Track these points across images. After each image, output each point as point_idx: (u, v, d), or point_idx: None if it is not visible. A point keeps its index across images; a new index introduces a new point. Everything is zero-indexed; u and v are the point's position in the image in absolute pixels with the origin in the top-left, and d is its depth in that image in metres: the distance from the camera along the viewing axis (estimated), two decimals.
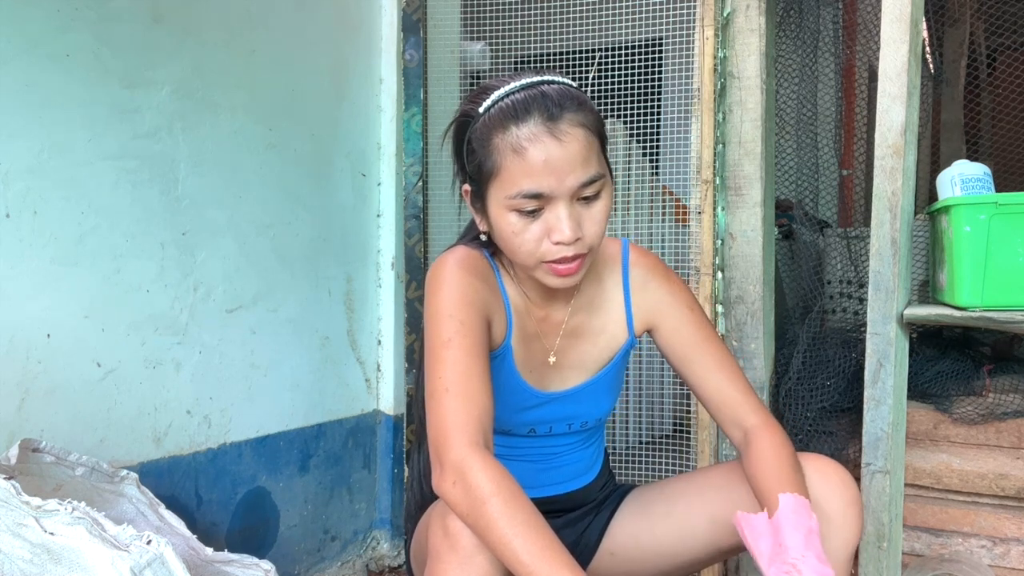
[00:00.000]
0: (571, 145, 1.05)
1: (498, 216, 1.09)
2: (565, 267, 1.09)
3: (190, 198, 1.69)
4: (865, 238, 2.11)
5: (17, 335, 1.38)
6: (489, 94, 1.10)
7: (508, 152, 1.06)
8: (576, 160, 1.06)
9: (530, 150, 1.04)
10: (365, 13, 2.18)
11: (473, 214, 1.18)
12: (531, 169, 1.04)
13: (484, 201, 1.12)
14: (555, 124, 1.05)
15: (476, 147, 1.10)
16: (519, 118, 1.06)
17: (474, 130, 1.10)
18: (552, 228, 1.07)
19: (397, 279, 2.22)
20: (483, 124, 1.09)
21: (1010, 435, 1.75)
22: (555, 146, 1.05)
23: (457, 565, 0.98)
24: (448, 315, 1.08)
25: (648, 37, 1.98)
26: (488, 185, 1.09)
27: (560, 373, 1.25)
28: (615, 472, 1.63)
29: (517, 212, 1.07)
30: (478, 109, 1.10)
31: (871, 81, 2.69)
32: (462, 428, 0.99)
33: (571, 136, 1.06)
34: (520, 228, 1.08)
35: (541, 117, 1.05)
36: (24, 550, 1.03)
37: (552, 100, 1.06)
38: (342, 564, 2.13)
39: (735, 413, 1.22)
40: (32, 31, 1.40)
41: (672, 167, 2.35)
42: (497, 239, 1.13)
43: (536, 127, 1.05)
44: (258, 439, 1.86)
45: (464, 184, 1.17)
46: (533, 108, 1.06)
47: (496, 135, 1.07)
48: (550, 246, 1.08)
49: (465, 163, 1.14)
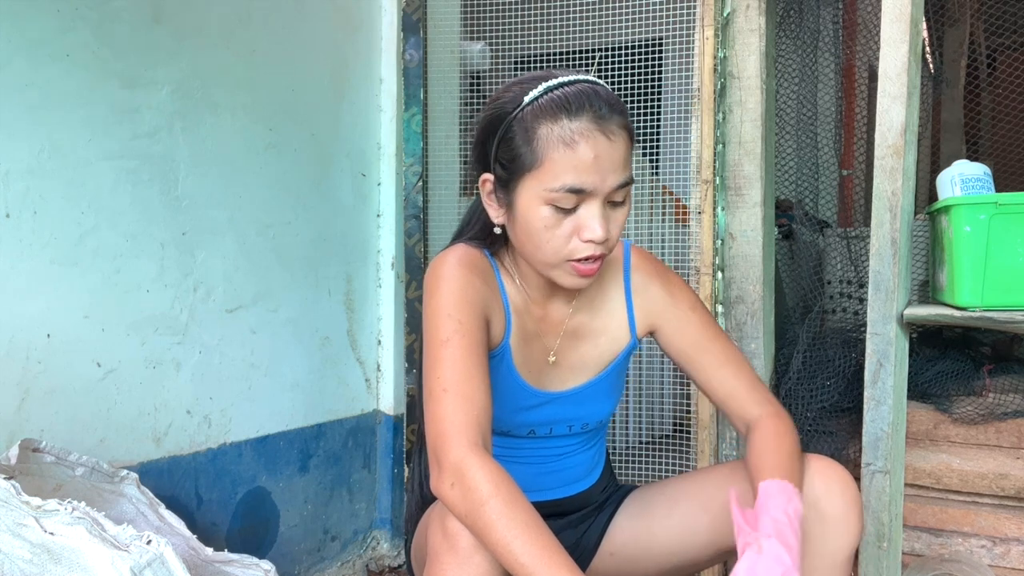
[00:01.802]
0: (618, 145, 1.06)
1: (529, 209, 1.08)
2: (588, 267, 1.09)
3: (190, 198, 1.69)
4: (865, 238, 2.11)
5: (17, 335, 1.38)
6: (534, 84, 1.08)
7: (557, 144, 1.04)
8: (619, 161, 1.06)
9: (582, 145, 1.04)
10: (365, 13, 2.19)
11: (490, 206, 1.15)
12: (580, 164, 1.04)
13: (513, 193, 1.09)
14: (606, 123, 1.05)
15: (516, 135, 1.07)
16: (571, 112, 1.04)
17: (516, 119, 1.07)
18: (584, 226, 1.06)
19: (397, 279, 2.22)
20: (529, 113, 1.06)
21: (1010, 435, 1.75)
22: (605, 144, 1.04)
23: (456, 566, 0.98)
24: (447, 314, 1.07)
25: (648, 37, 1.98)
26: (523, 176, 1.07)
27: (560, 374, 1.25)
28: (616, 472, 1.63)
29: (553, 207, 1.06)
30: (523, 98, 1.08)
31: (871, 81, 2.69)
32: (461, 429, 0.99)
33: (618, 137, 1.06)
34: (552, 223, 1.07)
35: (594, 114, 1.05)
36: (24, 550, 1.03)
37: (603, 99, 1.06)
38: (342, 564, 2.13)
39: (741, 407, 1.22)
40: (32, 31, 1.40)
41: (672, 167, 2.35)
42: (519, 233, 1.11)
43: (589, 123, 1.04)
44: (258, 439, 1.86)
45: (485, 174, 1.13)
46: (587, 104, 1.05)
47: (543, 125, 1.05)
48: (579, 244, 1.07)
49: (495, 151, 1.10)
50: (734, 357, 1.24)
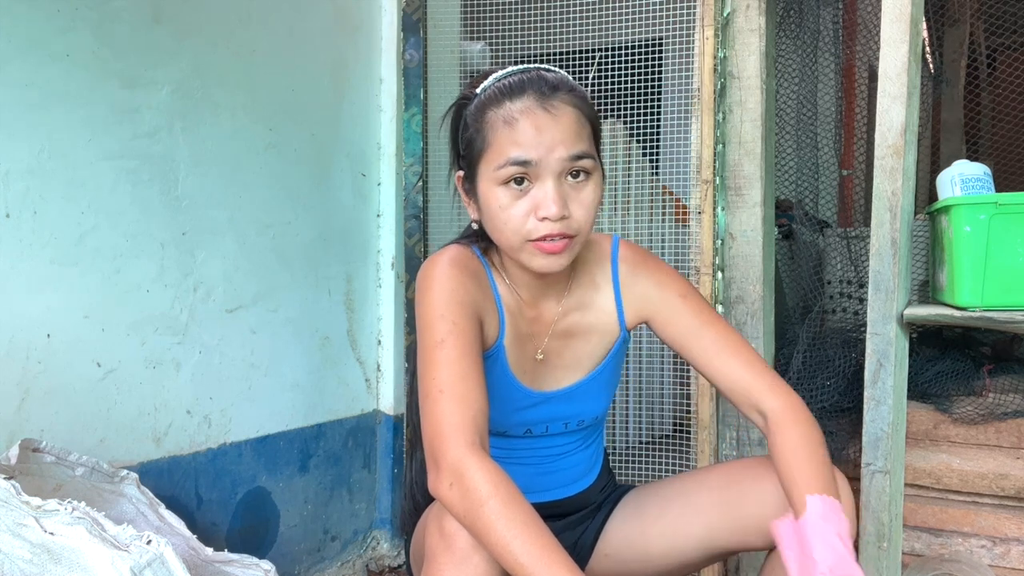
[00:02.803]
0: (562, 119, 1.07)
1: (487, 193, 1.10)
2: (550, 244, 1.08)
3: (190, 198, 1.69)
4: (865, 238, 2.11)
5: (17, 335, 1.38)
6: (487, 78, 1.13)
7: (499, 125, 1.08)
8: (567, 133, 1.07)
9: (520, 120, 1.06)
10: (365, 13, 2.19)
11: (466, 204, 1.18)
12: (520, 138, 1.06)
13: (475, 182, 1.12)
14: (547, 100, 1.07)
15: (470, 124, 1.11)
16: (513, 94, 1.08)
17: (469, 111, 1.12)
18: (539, 204, 1.07)
19: (397, 279, 2.22)
20: (478, 103, 1.11)
21: (1010, 435, 1.75)
22: (545, 117, 1.06)
23: (453, 566, 0.98)
24: (440, 315, 1.08)
25: (648, 37, 1.98)
26: (478, 162, 1.10)
27: (554, 373, 1.25)
28: (615, 472, 1.63)
29: (505, 186, 1.08)
30: (475, 91, 1.13)
31: (871, 81, 2.69)
32: (458, 429, 0.98)
33: (562, 111, 1.08)
34: (507, 203, 1.08)
35: (535, 93, 1.08)
36: (24, 550, 1.03)
37: (547, 81, 1.09)
38: (342, 564, 2.13)
39: (750, 395, 1.17)
40: (32, 31, 1.40)
41: (672, 167, 2.35)
42: (485, 221, 1.13)
43: (529, 101, 1.07)
44: (258, 439, 1.86)
45: (458, 171, 1.17)
46: (528, 86, 1.08)
47: (489, 111, 1.09)
48: (536, 223, 1.07)
49: (459, 145, 1.15)
50: (735, 342, 1.20)
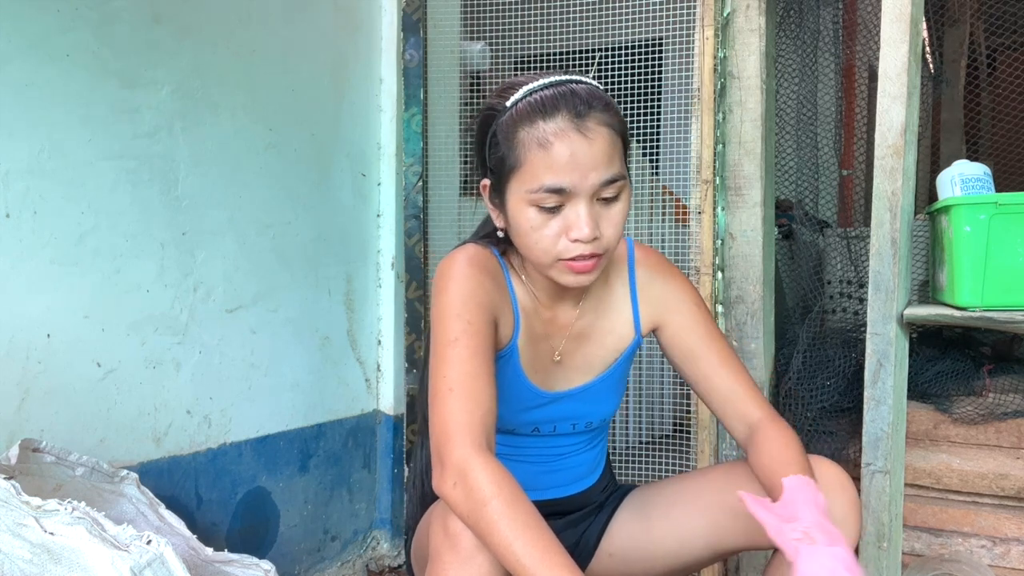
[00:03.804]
0: (597, 143, 1.05)
1: (517, 211, 1.09)
2: (581, 264, 1.08)
3: (190, 198, 1.69)
4: (865, 238, 2.11)
5: (17, 335, 1.38)
6: (517, 89, 1.10)
7: (533, 146, 1.05)
8: (600, 158, 1.05)
9: (556, 145, 1.04)
10: (365, 13, 2.18)
11: (490, 210, 1.17)
12: (555, 164, 1.04)
13: (503, 196, 1.11)
14: (582, 121, 1.05)
15: (500, 140, 1.09)
16: (547, 113, 1.05)
17: (499, 124, 1.09)
18: (571, 225, 1.06)
19: (397, 279, 2.22)
20: (509, 118, 1.08)
21: (1010, 435, 1.75)
22: (581, 142, 1.04)
23: (457, 565, 0.98)
24: (456, 314, 1.07)
25: (648, 37, 1.98)
26: (509, 179, 1.09)
27: (566, 374, 1.25)
28: (616, 472, 1.63)
29: (537, 207, 1.07)
30: (505, 103, 1.09)
31: (871, 81, 2.69)
32: (465, 429, 0.99)
33: (597, 134, 1.05)
34: (539, 224, 1.07)
35: (569, 113, 1.05)
36: (24, 550, 1.03)
37: (580, 98, 1.06)
38: (342, 564, 2.13)
39: (738, 409, 1.21)
40: (32, 31, 1.40)
41: (672, 167, 2.35)
42: (514, 235, 1.13)
43: (563, 123, 1.04)
44: (258, 439, 1.86)
45: (484, 179, 1.16)
46: (561, 104, 1.05)
47: (522, 129, 1.06)
48: (567, 243, 1.07)
49: (487, 157, 1.13)
50: (733, 359, 1.24)
